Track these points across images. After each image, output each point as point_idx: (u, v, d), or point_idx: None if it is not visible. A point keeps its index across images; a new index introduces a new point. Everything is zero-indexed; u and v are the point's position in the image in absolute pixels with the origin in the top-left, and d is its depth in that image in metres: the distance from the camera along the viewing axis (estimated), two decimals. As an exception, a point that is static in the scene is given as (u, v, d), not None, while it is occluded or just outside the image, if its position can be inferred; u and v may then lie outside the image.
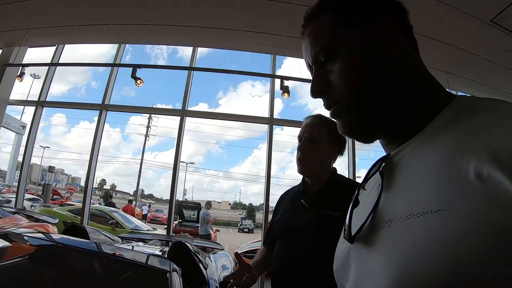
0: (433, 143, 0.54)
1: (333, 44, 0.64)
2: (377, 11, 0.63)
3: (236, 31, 4.97)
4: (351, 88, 0.62)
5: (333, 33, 0.64)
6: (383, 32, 0.62)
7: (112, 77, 6.84)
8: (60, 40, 6.26)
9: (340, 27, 0.64)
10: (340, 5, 0.66)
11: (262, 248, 1.89)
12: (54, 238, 2.38)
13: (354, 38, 0.63)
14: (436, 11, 3.93)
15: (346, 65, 0.62)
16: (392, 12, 0.64)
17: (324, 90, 0.66)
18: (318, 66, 0.67)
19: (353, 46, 0.62)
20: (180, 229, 11.50)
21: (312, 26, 0.68)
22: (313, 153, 1.62)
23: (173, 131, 36.65)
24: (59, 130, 45.40)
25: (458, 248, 0.42)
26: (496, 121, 0.48)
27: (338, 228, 1.47)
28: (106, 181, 41.98)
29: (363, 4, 0.65)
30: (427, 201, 0.48)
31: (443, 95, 0.61)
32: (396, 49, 0.61)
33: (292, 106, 58.71)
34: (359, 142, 0.67)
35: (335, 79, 0.63)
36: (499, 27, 4.16)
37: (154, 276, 2.10)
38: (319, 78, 0.66)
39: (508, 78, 5.48)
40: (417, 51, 0.67)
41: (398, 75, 0.61)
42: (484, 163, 0.43)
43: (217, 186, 67.67)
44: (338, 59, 0.63)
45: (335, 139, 1.64)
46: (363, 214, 0.61)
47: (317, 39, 0.66)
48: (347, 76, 0.62)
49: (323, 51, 0.65)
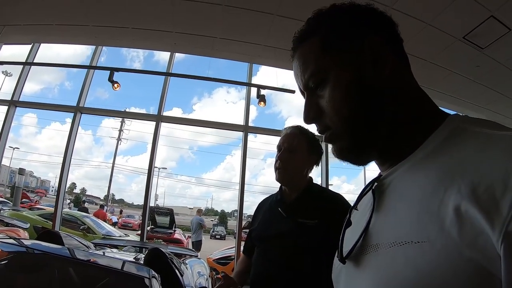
0: (419, 171, 0.55)
1: (322, 70, 0.63)
2: (364, 33, 0.63)
3: (215, 39, 4.98)
4: (341, 115, 0.62)
5: (321, 58, 0.64)
6: (371, 54, 0.61)
7: (88, 79, 6.71)
8: (37, 38, 6.09)
9: (328, 51, 0.64)
10: (327, 28, 0.65)
11: (242, 257, 1.91)
12: (28, 245, 2.31)
13: (342, 62, 0.63)
14: (411, 27, 4.05)
15: (335, 92, 0.62)
16: (380, 31, 0.64)
17: (316, 117, 0.66)
18: (309, 92, 0.67)
19: (342, 71, 0.62)
20: (153, 235, 11.28)
21: (301, 49, 0.68)
22: (291, 162, 1.66)
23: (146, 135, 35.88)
24: (29, 131, 44.20)
25: (433, 281, 0.44)
26: (480, 154, 0.48)
27: (314, 235, 1.52)
28: (76, 185, 40.91)
29: (351, 26, 0.64)
30: (409, 231, 0.50)
31: (435, 114, 0.62)
32: (386, 71, 0.61)
33: (267, 114, 59.04)
34: (353, 165, 0.67)
35: (325, 105, 0.64)
36: (470, 44, 4.34)
37: (134, 283, 2.08)
38: (311, 105, 0.67)
39: (478, 92, 5.70)
40: (409, 69, 0.67)
41: (389, 98, 0.62)
42: (463, 198, 0.44)
43: (189, 192, 67.10)
44: (327, 84, 0.63)
45: (313, 149, 1.71)
46: (355, 235, 0.62)
47: (306, 64, 0.66)
48: (336, 103, 0.62)
49: (312, 77, 0.65)
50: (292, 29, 0.71)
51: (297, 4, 3.98)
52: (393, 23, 0.67)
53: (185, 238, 12.66)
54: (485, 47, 4.42)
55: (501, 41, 4.24)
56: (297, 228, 1.55)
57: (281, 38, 4.70)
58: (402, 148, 0.61)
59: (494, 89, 5.58)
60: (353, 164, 0.67)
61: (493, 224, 0.40)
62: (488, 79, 5.26)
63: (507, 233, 0.39)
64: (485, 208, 0.41)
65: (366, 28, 0.64)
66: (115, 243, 5.27)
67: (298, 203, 1.65)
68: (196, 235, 10.71)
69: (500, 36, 4.16)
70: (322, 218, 1.52)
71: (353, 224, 0.68)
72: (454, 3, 3.66)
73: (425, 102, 0.64)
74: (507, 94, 5.71)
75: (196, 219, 11.00)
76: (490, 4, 3.66)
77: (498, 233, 0.39)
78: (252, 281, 1.67)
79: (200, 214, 11.78)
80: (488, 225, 0.40)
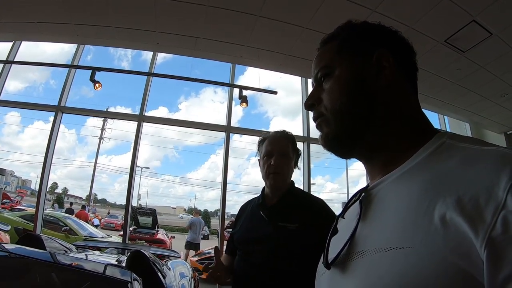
0: (406, 182, 0.58)
1: (330, 65, 0.72)
2: (377, 45, 0.70)
3: (198, 39, 4.95)
4: (334, 105, 0.69)
5: (334, 57, 0.73)
6: (376, 62, 0.68)
7: (70, 78, 6.62)
8: (18, 36, 5.94)
9: (342, 53, 0.72)
10: (347, 35, 0.74)
11: (225, 256, 1.93)
12: (9, 248, 2.27)
13: (349, 63, 0.70)
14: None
15: (335, 84, 0.71)
16: (390, 45, 0.70)
17: (314, 104, 0.74)
18: (317, 84, 0.76)
19: (346, 69, 0.70)
20: (135, 236, 11.15)
21: (322, 49, 0.78)
22: (285, 167, 1.71)
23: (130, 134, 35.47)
24: (11, 129, 43.27)
25: (417, 285, 0.46)
26: (466, 167, 0.50)
27: (294, 239, 1.54)
28: (58, 185, 40.15)
29: (366, 36, 0.72)
30: (395, 238, 0.52)
31: (427, 131, 0.65)
32: (386, 80, 0.67)
33: (253, 114, 59.11)
34: (335, 156, 0.74)
35: (324, 96, 0.72)
36: (452, 47, 4.41)
37: (116, 287, 2.05)
38: (313, 94, 0.75)
39: (458, 94, 5.81)
40: (415, 90, 0.73)
41: (380, 105, 0.67)
42: (449, 207, 0.46)
43: (173, 191, 66.61)
44: (331, 79, 0.72)
45: (295, 152, 1.77)
46: (341, 242, 0.64)
47: (321, 60, 0.75)
48: (333, 94, 0.70)
49: (321, 70, 0.74)
50: (275, 30, 0.76)
51: (280, 5, 4.00)
52: (408, 47, 0.74)
53: (168, 238, 12.56)
54: (466, 51, 4.50)
55: (482, 45, 4.32)
56: (277, 232, 1.57)
57: (264, 39, 4.73)
58: (391, 160, 0.65)
59: (474, 92, 5.69)
60: (335, 154, 0.74)
61: (477, 231, 0.43)
62: (468, 82, 5.37)
63: (490, 239, 0.42)
64: (470, 216, 0.44)
65: (379, 41, 0.71)
66: (98, 245, 5.19)
67: (279, 207, 1.68)
68: (195, 236, 10.76)
69: (481, 40, 4.24)
70: (303, 222, 1.55)
71: (339, 232, 0.71)
72: (436, 7, 3.71)
73: (419, 119, 0.69)
74: (487, 96, 5.84)
75: (197, 221, 10.99)
76: (472, 8, 3.72)
77: (482, 240, 0.42)
78: (234, 284, 1.70)
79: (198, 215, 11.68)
80: (472, 232, 0.43)
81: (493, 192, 0.44)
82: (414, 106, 0.70)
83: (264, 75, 6.16)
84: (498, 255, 0.41)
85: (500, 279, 0.40)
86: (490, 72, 5.01)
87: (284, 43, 4.77)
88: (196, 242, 10.74)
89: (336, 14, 3.88)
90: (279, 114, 51.60)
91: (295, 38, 4.55)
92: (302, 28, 4.32)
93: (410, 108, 0.69)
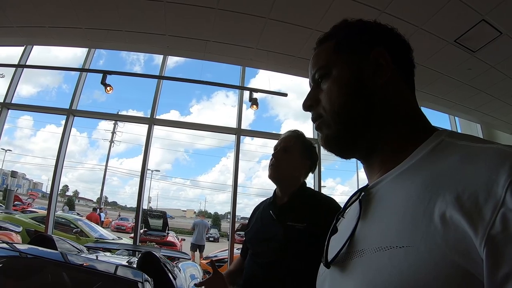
0: (405, 181, 0.58)
1: (327, 65, 0.72)
2: (374, 43, 0.70)
3: (208, 42, 4.96)
4: (333, 105, 0.69)
5: (331, 56, 0.72)
6: (373, 61, 0.68)
7: (81, 82, 6.69)
8: (29, 40, 6.00)
9: (339, 52, 0.72)
10: (343, 34, 0.74)
11: (238, 258, 1.94)
12: (22, 249, 2.30)
13: (347, 62, 0.70)
14: (402, 30, 4.05)
15: (333, 84, 0.70)
16: (387, 43, 0.70)
17: (312, 106, 0.74)
18: (315, 85, 0.75)
19: (344, 68, 0.70)
20: (146, 238, 11.23)
21: (318, 49, 0.77)
22: (284, 161, 1.71)
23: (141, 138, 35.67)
24: (24, 133, 43.57)
25: (416, 283, 0.46)
26: (465, 165, 0.50)
27: (303, 238, 1.54)
28: (69, 187, 40.35)
29: (363, 34, 0.72)
30: (394, 236, 0.52)
31: (426, 130, 0.65)
32: (383, 79, 0.67)
33: (264, 117, 58.99)
34: (337, 156, 0.73)
35: (323, 97, 0.71)
36: (462, 47, 4.37)
37: (127, 287, 2.07)
38: (311, 95, 0.74)
39: (469, 94, 5.74)
40: (412, 87, 0.72)
41: (378, 104, 0.67)
42: (448, 205, 0.46)
43: (183, 194, 66.49)
44: (329, 79, 0.71)
45: (306, 154, 1.76)
46: (340, 241, 0.64)
47: (318, 60, 0.75)
48: (332, 94, 0.70)
49: (319, 70, 0.73)
50: (284, 33, 0.77)
51: (289, 7, 4.00)
52: (404, 44, 0.74)
53: (178, 240, 12.61)
54: (477, 50, 4.45)
55: (492, 44, 4.28)
56: (285, 231, 1.57)
57: (273, 41, 4.72)
58: (390, 159, 0.64)
59: (485, 92, 5.62)
60: (336, 154, 0.73)
61: (476, 228, 0.43)
62: (479, 82, 5.30)
63: (490, 237, 0.41)
64: (469, 213, 0.44)
65: (376, 39, 0.71)
66: (108, 247, 5.23)
67: (289, 206, 1.68)
68: (200, 238, 10.91)
69: (491, 40, 4.20)
70: (312, 222, 1.54)
71: (339, 231, 0.71)
72: (445, 7, 3.68)
73: (417, 118, 0.68)
74: (498, 96, 5.77)
75: (202, 223, 11.17)
76: (482, 8, 3.69)
77: (481, 237, 0.42)
78: (243, 283, 1.70)
79: (203, 218, 12.01)
80: (472, 230, 0.43)
81: (492, 190, 0.44)
82: (412, 104, 0.70)
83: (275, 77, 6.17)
84: (498, 253, 0.41)
85: (500, 277, 0.40)
86: (500, 71, 4.95)
87: (294, 45, 4.75)
88: (200, 244, 10.85)
89: (345, 16, 3.85)
90: (290, 117, 51.54)
91: (305, 40, 4.54)
92: (311, 30, 4.31)
93: (408, 106, 0.69)
